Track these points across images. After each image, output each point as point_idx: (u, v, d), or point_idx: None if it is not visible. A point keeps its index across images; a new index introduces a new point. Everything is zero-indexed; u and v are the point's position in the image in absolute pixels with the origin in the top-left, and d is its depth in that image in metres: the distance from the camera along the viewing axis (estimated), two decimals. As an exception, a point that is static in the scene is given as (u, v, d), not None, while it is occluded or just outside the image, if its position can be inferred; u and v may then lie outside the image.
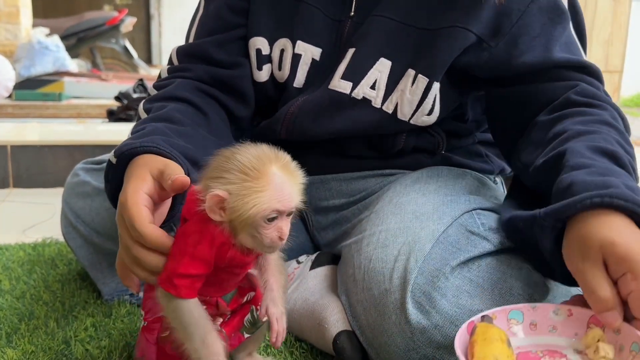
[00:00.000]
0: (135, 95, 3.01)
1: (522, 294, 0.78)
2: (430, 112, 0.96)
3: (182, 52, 1.08)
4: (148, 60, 6.75)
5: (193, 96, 1.00)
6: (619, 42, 2.33)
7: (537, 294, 0.79)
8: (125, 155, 0.83)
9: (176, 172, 0.77)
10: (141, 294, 1.11)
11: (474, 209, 0.92)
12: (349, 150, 1.04)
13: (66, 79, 3.93)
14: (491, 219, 0.89)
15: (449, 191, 0.95)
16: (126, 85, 3.45)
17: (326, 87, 0.99)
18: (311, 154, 1.03)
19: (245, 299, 0.80)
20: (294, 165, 0.69)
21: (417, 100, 0.95)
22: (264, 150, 0.68)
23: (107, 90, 3.80)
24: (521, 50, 0.92)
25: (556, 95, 0.90)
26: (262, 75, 1.05)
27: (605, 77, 2.22)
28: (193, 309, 0.71)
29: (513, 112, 0.96)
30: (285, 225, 0.68)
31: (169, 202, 0.82)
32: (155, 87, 1.05)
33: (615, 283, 0.65)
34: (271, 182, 0.66)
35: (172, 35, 6.94)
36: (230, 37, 1.05)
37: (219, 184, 0.67)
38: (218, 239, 0.69)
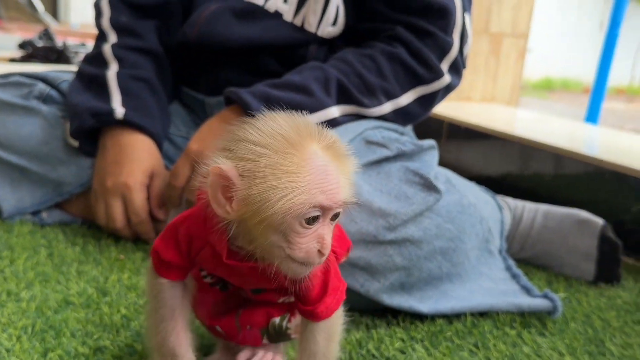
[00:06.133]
0: (40, 44, 2.88)
1: (416, 196, 0.83)
2: (334, 23, 1.00)
3: None
4: (54, 16, 6.44)
5: (159, 47, 1.13)
6: (526, 7, 2.43)
7: (431, 198, 0.83)
8: (131, 124, 1.03)
9: (159, 179, 1.03)
10: (44, 215, 1.11)
11: (376, 127, 0.97)
12: (260, 66, 1.06)
13: (-35, 28, 3.72)
14: (392, 133, 0.95)
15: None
16: (30, 37, 3.29)
17: None
18: (223, 69, 1.05)
19: (281, 299, 0.64)
20: (343, 147, 0.49)
21: (320, 9, 1.00)
22: (300, 121, 0.48)
23: (9, 41, 3.61)
24: None
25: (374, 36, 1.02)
26: None
27: (512, 41, 2.33)
28: (165, 291, 0.57)
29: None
30: (328, 233, 0.48)
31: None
32: (114, 25, 1.12)
33: None
34: (312, 162, 0.46)
35: (81, -9, 6.64)
36: None
37: (224, 158, 0.48)
38: (192, 234, 0.53)
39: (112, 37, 1.11)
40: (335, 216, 0.49)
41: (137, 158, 1.01)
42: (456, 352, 0.79)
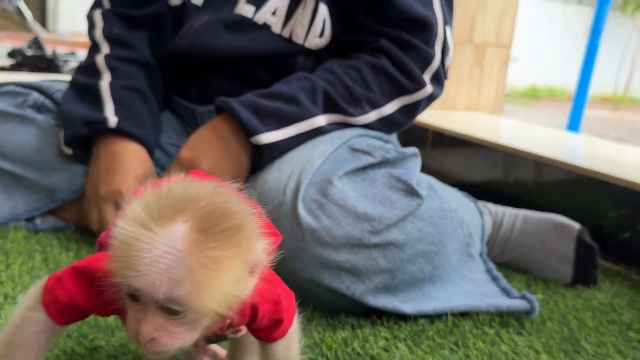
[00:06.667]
0: (29, 53, 2.90)
1: (399, 201, 0.87)
2: (321, 34, 1.04)
3: None
4: (43, 25, 6.45)
5: (150, 58, 1.15)
6: (509, 17, 2.49)
7: (413, 203, 0.87)
8: (123, 133, 1.05)
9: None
10: (38, 222, 1.13)
11: (361, 135, 1.00)
12: (250, 75, 1.09)
13: (-47, 36, 3.74)
14: (376, 141, 0.99)
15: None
16: (19, 45, 3.30)
17: (232, 10, 1.08)
18: (213, 79, 1.09)
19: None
20: (225, 236, 0.44)
21: (307, 21, 1.04)
22: (180, 194, 0.45)
23: (-1, 49, 3.63)
24: None
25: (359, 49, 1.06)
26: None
27: (495, 51, 2.38)
28: (35, 326, 0.53)
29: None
30: (147, 323, 0.45)
31: None
32: (107, 36, 1.15)
33: None
34: (147, 242, 0.43)
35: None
36: None
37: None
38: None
39: (105, 48, 1.14)
40: (171, 311, 0.44)
41: (129, 165, 1.04)
42: (437, 350, 0.82)
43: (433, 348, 0.83)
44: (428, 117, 1.90)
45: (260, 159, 0.95)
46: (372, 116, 1.02)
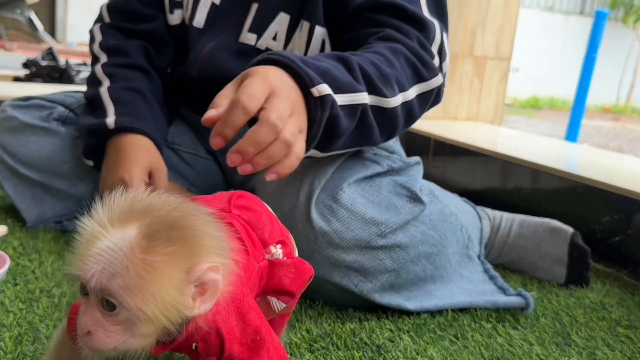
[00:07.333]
0: (44, 63, 2.98)
1: (404, 207, 0.94)
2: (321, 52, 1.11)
3: (112, 9, 1.26)
4: (52, 36, 6.55)
5: (145, 63, 1.21)
6: (508, 32, 2.57)
7: (416, 208, 0.95)
8: (124, 129, 1.09)
9: (161, 174, 1.08)
10: (65, 222, 1.21)
11: (370, 147, 1.08)
12: None
13: (-33, 47, 3.82)
14: (383, 152, 1.06)
15: None
16: (32, 56, 3.39)
17: (236, 39, 1.15)
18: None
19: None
20: (169, 235, 0.48)
21: (304, 43, 1.10)
22: (157, 200, 0.52)
23: (11, 60, 3.72)
24: None
25: (364, 41, 1.01)
26: (174, 18, 1.22)
27: (496, 63, 2.46)
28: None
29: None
30: (86, 315, 0.48)
31: None
32: (104, 48, 1.22)
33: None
34: (98, 238, 0.48)
35: (79, 10, 6.76)
36: None
37: None
38: None
39: (103, 58, 1.20)
40: (108, 305, 0.47)
41: (133, 156, 1.07)
42: (438, 341, 0.90)
43: (434, 339, 0.90)
44: (430, 126, 1.98)
45: (321, 112, 0.78)
46: (398, 99, 0.94)
